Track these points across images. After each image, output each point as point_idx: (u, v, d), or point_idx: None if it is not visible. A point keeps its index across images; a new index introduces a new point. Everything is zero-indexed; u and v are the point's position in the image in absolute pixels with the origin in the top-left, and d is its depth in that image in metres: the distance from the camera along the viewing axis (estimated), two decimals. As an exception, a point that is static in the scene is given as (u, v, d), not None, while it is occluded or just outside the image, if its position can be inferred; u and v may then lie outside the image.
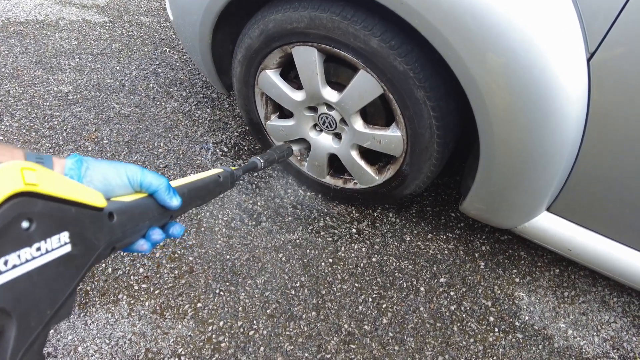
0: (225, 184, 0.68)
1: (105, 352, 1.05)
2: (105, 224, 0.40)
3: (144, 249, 0.48)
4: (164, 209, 0.50)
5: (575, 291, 1.30)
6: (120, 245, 0.44)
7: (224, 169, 0.70)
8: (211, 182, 0.63)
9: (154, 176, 0.49)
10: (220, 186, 0.66)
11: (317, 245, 1.33)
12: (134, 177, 0.47)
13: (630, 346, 1.18)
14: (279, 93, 1.22)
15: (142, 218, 0.47)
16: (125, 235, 0.44)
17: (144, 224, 0.47)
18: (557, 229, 1.08)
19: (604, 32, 0.74)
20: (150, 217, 0.48)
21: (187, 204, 0.55)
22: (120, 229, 0.43)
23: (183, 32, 1.37)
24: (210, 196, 0.64)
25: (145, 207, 0.48)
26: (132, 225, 0.45)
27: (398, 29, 0.92)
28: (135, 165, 0.48)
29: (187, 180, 0.57)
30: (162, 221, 0.51)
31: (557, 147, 0.87)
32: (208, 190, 0.62)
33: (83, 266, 0.37)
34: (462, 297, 1.24)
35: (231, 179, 0.70)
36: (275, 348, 1.09)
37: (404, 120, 1.04)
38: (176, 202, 0.50)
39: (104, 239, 0.40)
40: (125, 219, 0.44)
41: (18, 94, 1.77)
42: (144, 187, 0.48)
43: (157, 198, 0.49)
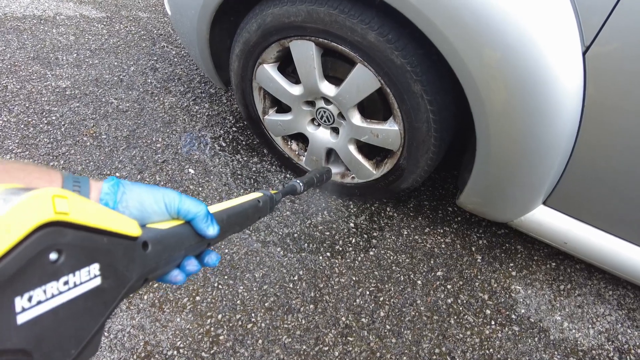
0: (264, 209, 0.65)
1: (104, 345, 1.05)
2: (139, 255, 0.38)
3: (177, 280, 0.45)
4: (201, 238, 0.47)
5: (571, 284, 1.31)
6: (154, 277, 0.41)
7: (264, 192, 0.67)
8: (250, 208, 0.60)
9: (192, 203, 0.46)
10: (259, 212, 0.63)
11: (315, 239, 1.34)
12: (171, 204, 0.45)
13: (625, 338, 1.20)
14: (277, 87, 1.22)
15: (177, 247, 0.44)
16: (159, 265, 0.41)
17: (179, 253, 0.44)
18: (553, 222, 1.09)
19: (599, 26, 0.75)
20: (186, 246, 0.45)
21: (225, 230, 0.52)
22: (154, 259, 0.40)
23: (181, 27, 1.37)
24: (248, 222, 0.60)
25: (181, 236, 0.45)
26: (167, 255, 0.42)
27: (395, 22, 0.92)
28: (173, 190, 0.46)
29: (225, 206, 0.54)
30: (198, 250, 0.48)
31: (553, 140, 0.88)
32: (247, 215, 0.59)
33: (113, 300, 0.34)
34: (459, 291, 1.25)
35: (270, 204, 0.67)
36: (273, 341, 1.10)
37: (401, 114, 1.04)
38: (214, 230, 0.47)
39: (137, 271, 0.37)
40: (160, 249, 0.41)
41: (16, 89, 1.77)
42: (182, 214, 0.45)
43: (194, 226, 0.46)
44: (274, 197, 0.69)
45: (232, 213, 0.54)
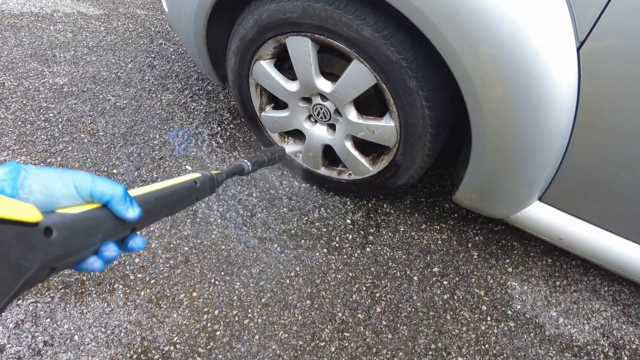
0: (203, 190, 0.62)
1: (102, 341, 1.06)
2: (40, 242, 0.34)
3: (95, 267, 0.42)
4: (122, 221, 0.44)
5: (566, 280, 1.32)
6: (64, 265, 0.38)
7: (203, 173, 0.64)
8: (185, 189, 0.57)
9: (107, 184, 0.42)
10: (197, 193, 0.60)
11: (312, 236, 1.34)
12: (82, 186, 0.41)
13: (620, 334, 1.20)
14: (273, 84, 1.22)
15: (92, 232, 0.40)
16: (70, 252, 0.38)
17: (95, 238, 0.41)
18: (549, 218, 1.09)
19: (593, 21, 0.75)
20: (104, 231, 0.42)
21: (153, 213, 0.49)
22: (61, 245, 0.36)
23: (178, 24, 1.37)
24: (183, 204, 0.57)
25: (96, 220, 0.41)
26: (79, 241, 0.39)
27: (390, 18, 0.92)
28: (85, 172, 0.42)
29: (154, 187, 0.51)
30: (121, 234, 0.45)
31: (548, 136, 0.88)
32: (181, 197, 0.56)
33: (7, 291, 0.31)
34: (455, 287, 1.26)
35: (211, 184, 0.64)
36: (270, 336, 1.10)
37: (397, 110, 1.05)
38: (133, 213, 0.44)
39: (38, 259, 0.34)
40: (69, 235, 0.37)
41: (13, 87, 1.77)
42: (95, 196, 0.42)
43: (111, 209, 0.43)
44: (215, 177, 0.66)
45: (161, 195, 0.51)
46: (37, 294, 1.11)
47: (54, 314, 1.09)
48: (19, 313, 1.08)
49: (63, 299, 1.11)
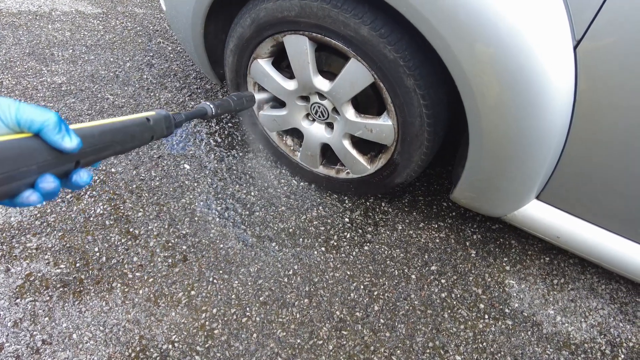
0: (158, 129, 0.58)
1: (100, 339, 1.06)
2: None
3: (31, 201, 0.39)
4: (60, 153, 0.41)
5: (564, 279, 1.32)
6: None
7: (157, 111, 0.60)
8: (135, 125, 0.54)
9: (36, 111, 0.38)
10: (150, 130, 0.57)
11: (310, 234, 1.34)
12: (5, 114, 0.37)
13: (617, 332, 1.20)
14: (271, 82, 1.22)
15: (22, 162, 0.37)
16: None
17: (28, 169, 0.38)
18: (546, 216, 1.10)
19: (589, 20, 0.75)
20: (38, 162, 0.39)
21: (99, 148, 0.46)
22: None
23: (176, 23, 1.37)
24: (134, 141, 0.54)
25: (27, 148, 0.38)
26: (7, 169, 0.36)
27: (387, 17, 0.92)
28: (11, 98, 0.38)
29: (100, 122, 0.48)
30: (61, 167, 0.42)
31: (545, 135, 0.88)
32: (131, 133, 0.52)
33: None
34: (452, 285, 1.26)
35: (166, 123, 0.60)
36: (268, 334, 1.10)
37: (395, 109, 1.05)
38: (70, 143, 0.40)
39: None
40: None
41: (11, 85, 1.76)
42: (24, 125, 0.38)
43: (45, 138, 0.39)
44: (172, 117, 0.63)
45: (108, 129, 0.48)
46: (36, 292, 1.11)
47: (53, 312, 1.09)
48: (18, 312, 1.08)
49: (61, 297, 1.12)
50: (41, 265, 1.17)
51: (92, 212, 1.31)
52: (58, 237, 1.24)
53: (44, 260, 1.18)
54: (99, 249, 1.22)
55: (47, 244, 1.22)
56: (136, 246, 1.24)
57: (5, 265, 1.15)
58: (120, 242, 1.25)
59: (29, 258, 1.18)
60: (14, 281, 1.13)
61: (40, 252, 1.19)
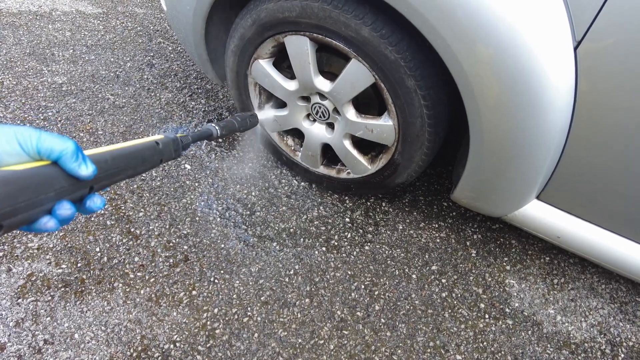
0: (167, 152, 0.60)
1: (102, 339, 1.06)
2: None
3: (49, 227, 0.40)
4: (76, 180, 0.42)
5: (564, 278, 1.32)
6: (12, 223, 0.37)
7: (165, 134, 0.62)
8: (146, 149, 0.55)
9: (55, 139, 0.40)
10: (159, 154, 0.59)
11: (311, 234, 1.34)
12: (27, 142, 0.38)
13: (617, 331, 1.21)
14: (272, 83, 1.22)
15: (41, 190, 0.39)
16: (17, 210, 0.36)
17: (47, 196, 0.39)
18: (547, 216, 1.10)
19: (590, 21, 0.75)
20: (56, 189, 0.40)
21: (111, 173, 0.48)
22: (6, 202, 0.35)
23: (176, 23, 1.37)
24: (145, 165, 0.55)
25: (46, 177, 0.40)
26: (27, 198, 0.37)
27: (389, 18, 0.93)
28: (31, 127, 0.40)
29: (112, 147, 0.50)
30: (76, 193, 0.43)
31: (545, 135, 0.89)
32: (142, 158, 0.54)
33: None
34: (453, 285, 1.26)
35: (174, 146, 0.62)
36: (269, 334, 1.10)
37: (396, 109, 1.05)
38: (87, 170, 0.42)
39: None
40: (13, 191, 0.36)
41: (12, 85, 1.77)
42: (44, 153, 0.39)
43: (62, 166, 0.41)
44: (179, 139, 0.65)
45: (120, 154, 0.50)
46: (38, 292, 1.11)
47: (54, 312, 1.09)
48: (19, 312, 1.08)
49: (63, 297, 1.12)
50: (43, 265, 1.17)
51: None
52: (59, 237, 1.24)
53: (45, 260, 1.18)
54: (100, 249, 1.23)
55: (48, 244, 1.22)
56: (137, 246, 1.25)
57: (6, 265, 1.16)
58: (122, 242, 1.25)
59: (30, 258, 1.18)
60: (16, 281, 1.13)
61: (41, 252, 1.20)
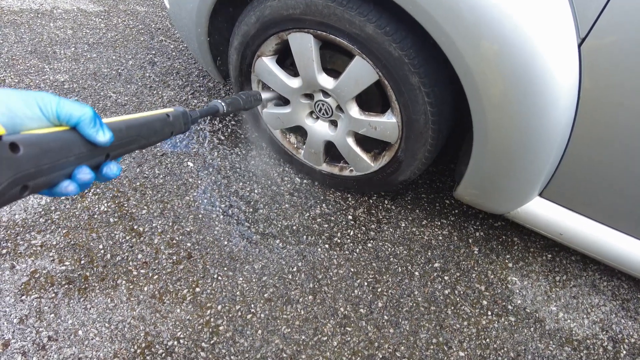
0: (177, 124, 0.62)
1: (105, 336, 1.06)
2: (6, 157, 0.33)
3: (69, 191, 0.41)
4: (94, 146, 0.43)
5: (566, 275, 1.33)
6: (36, 185, 0.37)
7: (175, 108, 0.64)
8: (157, 121, 0.57)
9: (74, 105, 0.41)
10: (170, 126, 0.60)
11: (314, 232, 1.35)
12: (47, 107, 0.39)
13: (618, 328, 1.21)
14: (275, 80, 1.22)
15: (62, 154, 0.39)
16: (41, 172, 0.37)
17: (67, 160, 0.40)
18: (549, 214, 1.10)
19: (594, 18, 0.76)
20: (76, 154, 0.41)
21: (126, 142, 0.49)
22: (30, 162, 0.35)
23: (179, 21, 1.37)
24: (157, 136, 0.57)
25: (66, 141, 0.40)
26: (49, 160, 0.37)
27: (393, 15, 0.93)
28: (51, 93, 0.40)
29: (126, 117, 0.51)
30: (94, 160, 0.44)
31: (549, 132, 0.89)
32: (154, 129, 0.55)
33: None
34: (456, 282, 1.27)
35: (184, 120, 0.64)
36: (272, 331, 1.11)
37: (399, 107, 1.05)
38: (104, 137, 0.43)
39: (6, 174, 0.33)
40: (38, 153, 0.36)
41: (14, 83, 1.76)
42: (63, 118, 0.40)
43: (81, 132, 0.41)
44: (188, 113, 0.66)
45: (134, 124, 0.51)
46: (41, 289, 1.12)
47: (58, 309, 1.09)
48: (23, 308, 1.08)
49: (67, 294, 1.12)
50: (46, 263, 1.17)
51: (96, 209, 1.32)
52: (62, 234, 1.24)
53: (48, 258, 1.18)
54: (103, 246, 1.23)
55: (51, 241, 1.22)
56: (140, 243, 1.25)
57: (10, 263, 1.16)
58: (125, 239, 1.25)
59: (33, 255, 1.18)
60: (19, 278, 1.13)
61: (45, 250, 1.20)
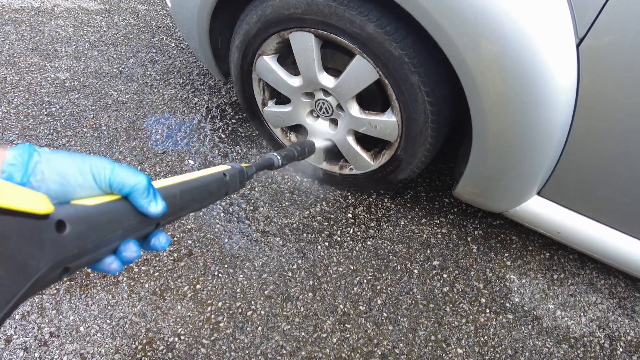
0: (233, 184, 0.57)
1: (107, 332, 1.07)
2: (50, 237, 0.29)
3: (112, 269, 0.37)
4: (145, 217, 0.39)
5: (564, 274, 1.34)
6: (77, 265, 0.33)
7: (232, 165, 0.59)
8: (213, 182, 0.52)
9: (128, 173, 0.37)
10: (226, 186, 0.55)
11: (314, 230, 1.36)
12: (100, 175, 0.36)
13: (615, 326, 1.22)
14: (276, 79, 1.23)
15: (111, 228, 0.36)
16: (86, 251, 0.33)
17: (114, 235, 0.36)
18: (547, 212, 1.11)
19: (593, 18, 0.76)
20: (124, 227, 0.37)
21: (178, 208, 0.45)
22: (75, 243, 0.32)
23: (181, 19, 1.38)
24: (212, 198, 0.52)
25: (116, 214, 0.36)
26: (96, 237, 0.34)
27: (393, 14, 0.94)
28: (105, 158, 0.37)
29: (181, 179, 0.46)
30: (143, 231, 0.40)
31: (547, 131, 0.90)
32: (209, 191, 0.51)
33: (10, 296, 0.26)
34: (454, 280, 1.28)
35: (240, 178, 0.60)
36: (272, 328, 1.12)
37: (399, 106, 1.06)
38: (156, 208, 0.39)
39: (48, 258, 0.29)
40: (85, 230, 0.33)
41: (15, 81, 1.77)
42: (115, 187, 0.37)
43: (133, 202, 0.38)
44: (245, 170, 0.62)
45: (188, 188, 0.47)
46: (43, 285, 1.12)
47: (60, 305, 1.10)
48: (25, 305, 1.09)
49: (68, 291, 1.13)
50: (48, 259, 1.18)
51: (98, 206, 1.32)
52: (64, 231, 1.25)
53: (50, 254, 1.19)
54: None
55: (53, 238, 1.22)
56: (142, 240, 1.26)
57: (12, 259, 1.16)
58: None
59: (36, 252, 1.19)
60: (22, 274, 1.14)
61: (47, 246, 1.20)
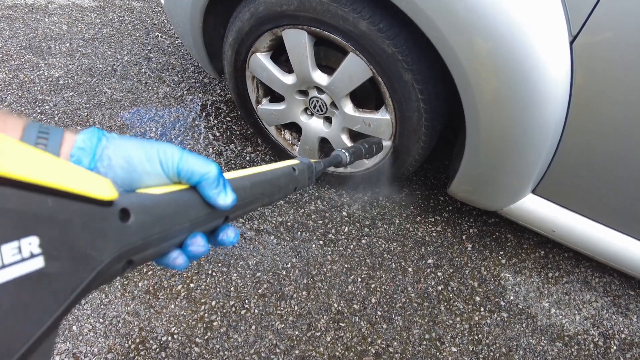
0: (302, 179, 0.55)
1: (100, 331, 1.07)
2: (114, 227, 0.27)
3: (177, 264, 0.35)
4: (213, 209, 0.36)
5: (559, 272, 1.34)
6: (142, 258, 0.31)
7: (301, 160, 0.57)
8: (283, 176, 0.50)
9: (198, 161, 0.35)
10: (295, 181, 0.53)
11: (308, 228, 1.35)
12: (168, 162, 0.33)
13: (609, 324, 1.23)
14: (270, 76, 1.22)
15: (177, 220, 0.33)
16: (150, 243, 0.30)
17: (181, 227, 0.33)
18: (542, 210, 1.11)
19: (586, 15, 0.76)
20: (191, 219, 0.34)
21: (248, 201, 0.42)
22: (139, 234, 0.29)
23: (174, 17, 1.37)
24: (280, 193, 0.50)
25: (183, 205, 0.34)
26: (161, 229, 0.31)
27: (386, 11, 0.93)
28: (174, 145, 0.35)
29: (250, 172, 0.44)
30: (211, 224, 0.37)
31: (541, 129, 0.89)
32: (278, 185, 0.48)
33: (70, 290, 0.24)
34: (449, 278, 1.27)
35: (309, 173, 0.57)
36: (266, 326, 1.11)
37: (393, 103, 1.06)
38: (226, 199, 0.36)
39: (111, 249, 0.27)
40: (150, 221, 0.30)
41: (8, 79, 1.76)
42: (184, 176, 0.34)
43: (201, 192, 0.35)
44: (314, 166, 0.60)
45: (259, 180, 0.44)
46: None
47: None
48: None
49: (61, 290, 1.12)
50: (40, 258, 1.17)
51: (91, 205, 1.32)
52: (57, 230, 1.24)
53: (43, 253, 1.18)
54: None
55: (46, 237, 1.22)
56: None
57: (4, 258, 1.16)
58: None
59: (28, 251, 1.18)
60: (14, 273, 1.13)
61: (39, 245, 1.20)
